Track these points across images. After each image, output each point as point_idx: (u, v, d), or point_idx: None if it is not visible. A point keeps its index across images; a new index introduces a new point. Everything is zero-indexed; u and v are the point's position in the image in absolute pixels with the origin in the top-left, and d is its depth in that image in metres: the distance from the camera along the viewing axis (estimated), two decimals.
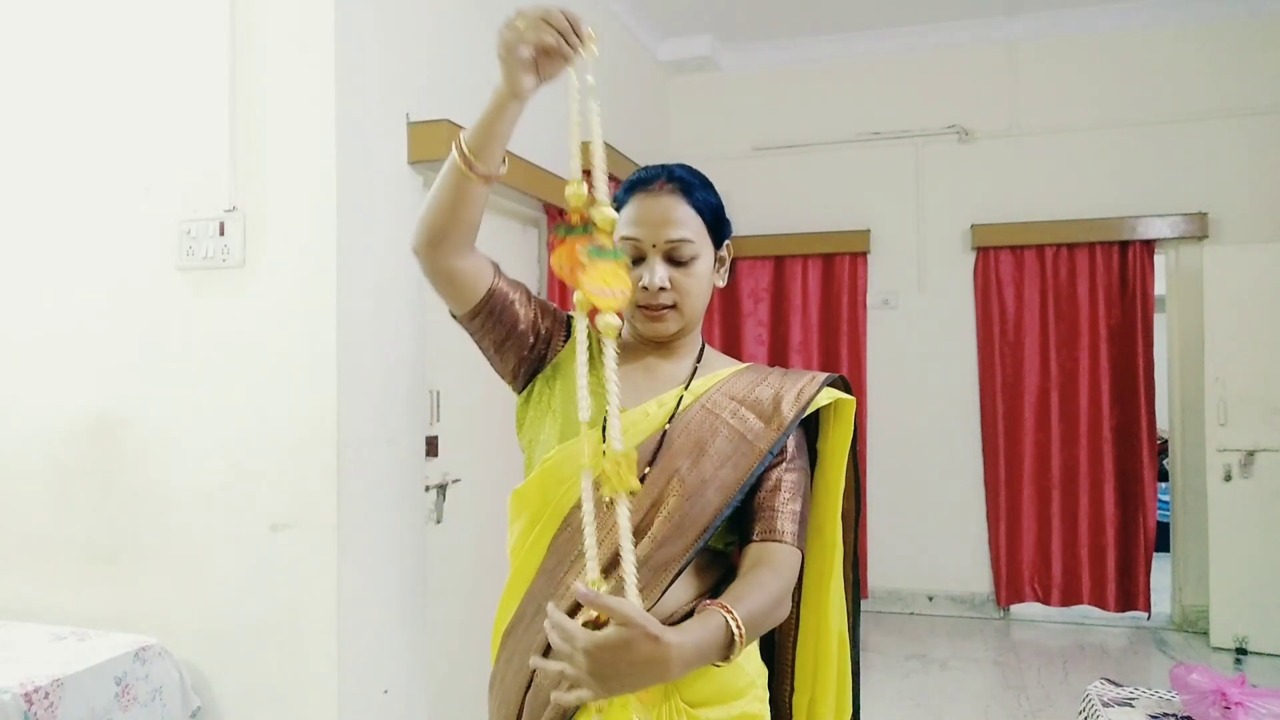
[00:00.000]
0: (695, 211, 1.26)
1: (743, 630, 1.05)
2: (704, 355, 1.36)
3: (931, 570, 4.96)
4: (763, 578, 1.15)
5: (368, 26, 2.56)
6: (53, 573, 2.64)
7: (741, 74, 5.26)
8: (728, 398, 1.27)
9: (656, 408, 1.25)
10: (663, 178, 1.27)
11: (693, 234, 1.24)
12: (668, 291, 1.24)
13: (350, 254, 2.47)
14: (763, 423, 1.24)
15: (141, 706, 2.29)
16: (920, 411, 4.98)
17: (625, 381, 1.24)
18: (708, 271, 1.28)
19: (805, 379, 1.30)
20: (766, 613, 1.12)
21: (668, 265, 1.24)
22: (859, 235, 4.98)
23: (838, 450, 1.32)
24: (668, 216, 1.23)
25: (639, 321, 1.28)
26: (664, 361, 1.32)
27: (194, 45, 2.55)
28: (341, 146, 2.44)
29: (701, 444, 1.22)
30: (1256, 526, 4.19)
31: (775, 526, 1.21)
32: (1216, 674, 1.90)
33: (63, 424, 2.65)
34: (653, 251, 1.24)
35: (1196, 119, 4.62)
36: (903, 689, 3.84)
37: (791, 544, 1.21)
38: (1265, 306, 4.21)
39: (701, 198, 1.27)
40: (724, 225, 1.32)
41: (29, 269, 2.71)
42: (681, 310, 1.26)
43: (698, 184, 1.28)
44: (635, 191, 1.28)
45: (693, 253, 1.24)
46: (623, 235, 1.25)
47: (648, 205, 1.25)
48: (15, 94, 2.74)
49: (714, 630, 1.04)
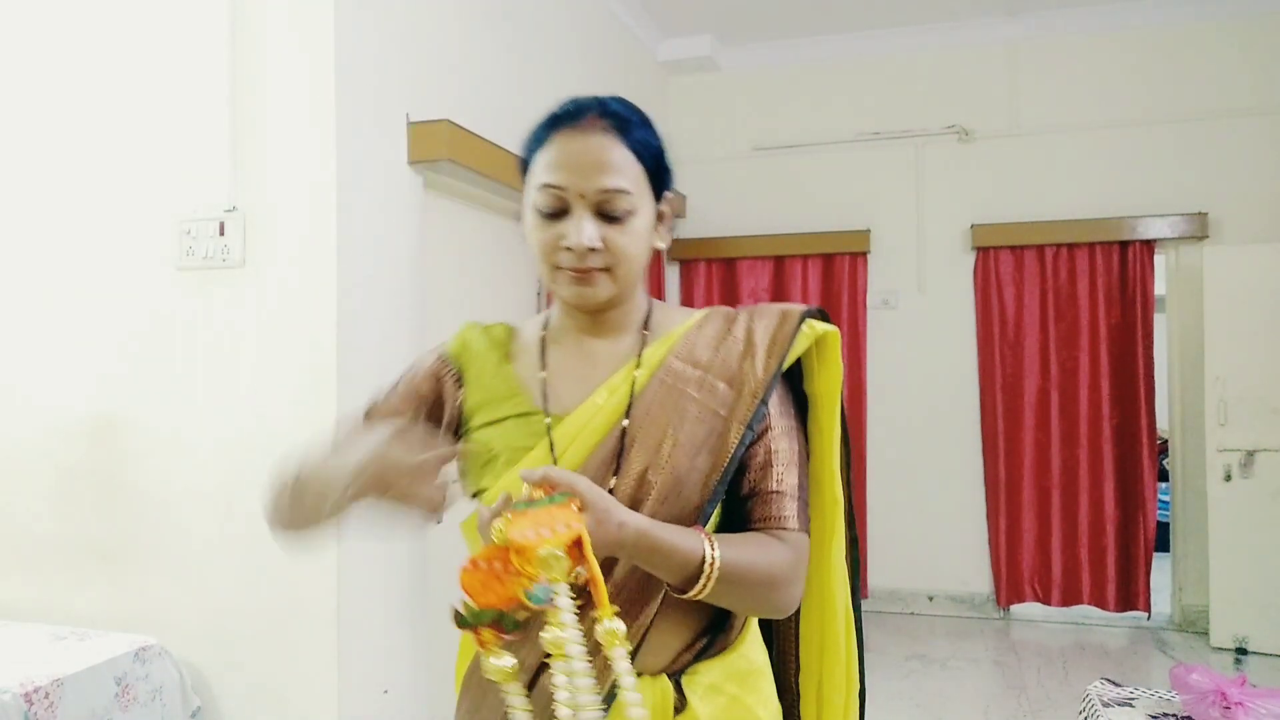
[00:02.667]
0: (634, 156, 1.02)
1: (717, 563, 0.92)
2: (652, 318, 1.12)
3: (931, 570, 4.96)
4: (767, 542, 1.01)
5: (368, 26, 2.56)
6: (53, 573, 2.64)
7: (741, 74, 5.25)
8: (689, 364, 1.06)
9: (607, 396, 1.05)
10: (594, 111, 1.03)
11: (630, 183, 1.01)
12: (599, 253, 1.01)
13: (350, 254, 2.47)
14: (734, 390, 1.04)
15: (141, 706, 2.29)
16: (920, 412, 4.98)
17: (561, 375, 1.09)
18: (647, 229, 1.05)
19: (775, 319, 1.09)
20: (755, 581, 0.97)
21: (598, 220, 1.01)
22: (859, 235, 4.98)
23: (829, 391, 1.11)
24: (600, 160, 1.00)
25: (561, 286, 1.04)
26: (603, 341, 1.10)
27: (194, 45, 2.55)
28: (341, 146, 2.44)
29: (668, 430, 1.02)
30: (1256, 526, 4.19)
31: (773, 512, 1.03)
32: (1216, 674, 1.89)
33: (63, 424, 2.65)
34: (580, 203, 1.00)
35: (1196, 119, 4.61)
36: (903, 689, 3.84)
37: (796, 528, 1.03)
38: (1265, 306, 4.21)
39: (642, 138, 1.04)
40: (666, 174, 1.08)
41: (29, 269, 2.71)
42: (615, 275, 1.03)
43: (637, 121, 1.05)
44: (559, 128, 1.03)
45: (629, 206, 1.01)
46: (542, 182, 1.02)
47: (575, 146, 1.01)
48: (16, 94, 2.74)
49: (686, 545, 0.92)
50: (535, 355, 1.13)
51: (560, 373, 1.10)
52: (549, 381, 1.10)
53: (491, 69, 3.20)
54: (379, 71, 2.62)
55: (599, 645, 0.83)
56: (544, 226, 1.03)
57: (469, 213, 3.21)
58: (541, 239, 1.03)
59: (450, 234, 3.09)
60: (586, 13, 4.11)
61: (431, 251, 2.91)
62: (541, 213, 1.03)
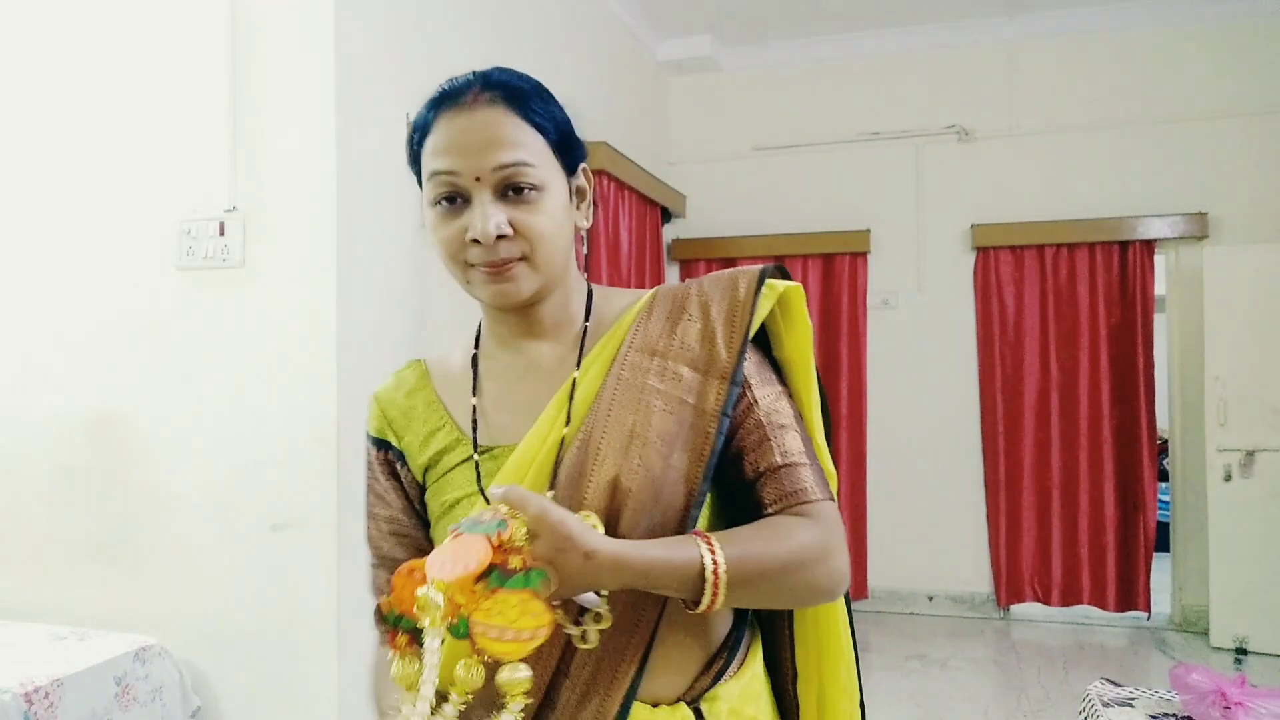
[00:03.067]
0: (532, 128, 0.91)
1: (722, 568, 0.80)
2: (592, 307, 1.00)
3: (931, 570, 4.96)
4: (784, 523, 0.89)
5: (368, 26, 2.56)
6: (53, 573, 2.64)
7: (741, 74, 5.25)
8: (645, 353, 0.94)
9: (556, 411, 0.93)
10: (477, 85, 0.91)
11: (532, 155, 0.89)
12: (510, 240, 0.89)
13: (350, 254, 2.47)
14: (700, 373, 0.93)
15: (141, 706, 2.29)
16: (920, 411, 4.98)
17: (501, 395, 0.98)
18: (561, 206, 0.93)
19: (727, 286, 0.97)
20: (779, 569, 0.85)
21: (503, 203, 0.89)
22: (859, 235, 4.98)
23: (800, 353, 0.99)
24: (492, 136, 0.88)
25: (477, 287, 0.93)
26: (543, 343, 0.98)
27: (194, 45, 2.54)
28: (341, 146, 2.44)
29: (635, 428, 0.90)
30: (1256, 526, 4.19)
31: (788, 487, 0.91)
32: (1216, 674, 1.89)
33: (63, 424, 2.64)
34: (477, 186, 0.88)
35: (1196, 119, 4.61)
36: (903, 689, 3.84)
37: (819, 497, 0.91)
38: (1265, 306, 4.21)
39: (537, 105, 0.92)
40: (575, 145, 0.96)
41: (29, 269, 2.71)
42: (534, 262, 0.91)
43: (529, 89, 0.93)
44: (442, 109, 0.91)
45: (535, 179, 0.89)
46: (432, 170, 0.90)
47: (461, 124, 0.89)
48: (15, 94, 2.73)
49: (677, 558, 0.80)
50: (467, 381, 1.00)
51: (500, 395, 0.98)
52: (484, 408, 0.98)
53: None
54: (379, 71, 2.62)
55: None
56: (444, 222, 0.91)
57: None
58: (444, 236, 0.91)
59: None
60: (586, 13, 4.11)
61: (431, 251, 2.90)
62: (438, 207, 0.91)
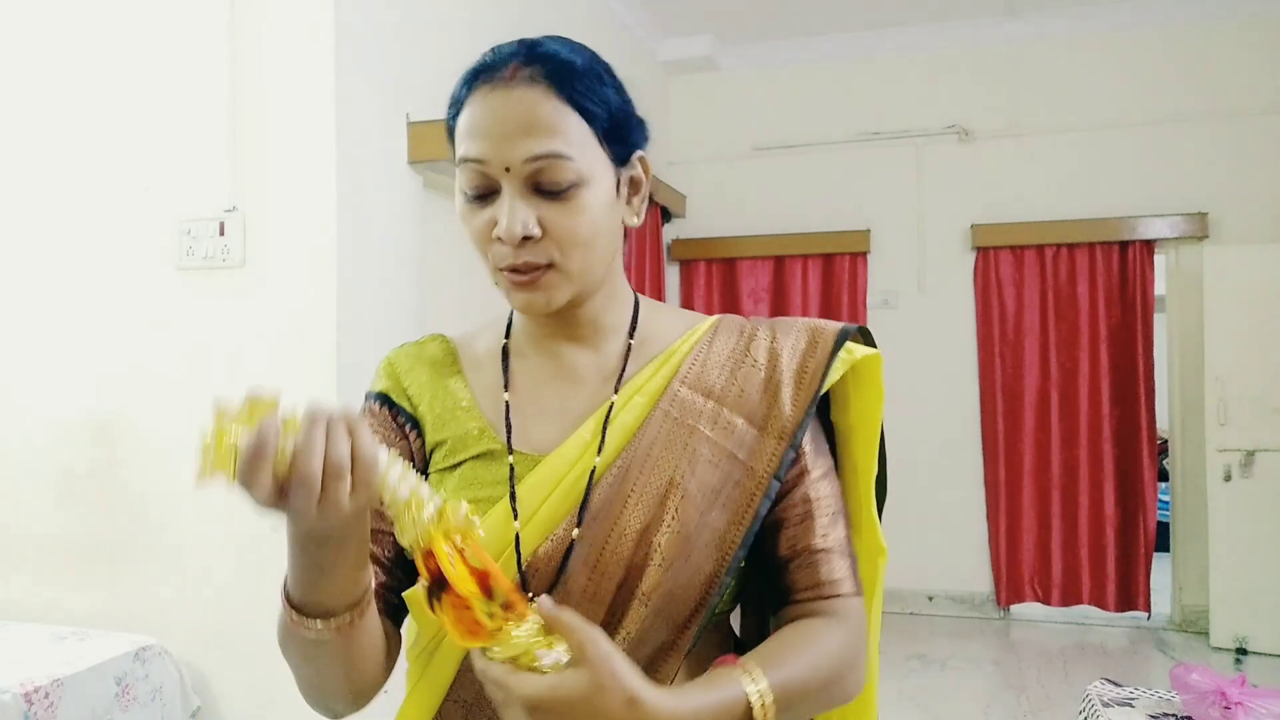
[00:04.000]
0: (574, 110, 0.78)
1: (771, 708, 0.71)
2: (639, 323, 0.89)
3: (931, 570, 4.96)
4: (817, 632, 0.80)
5: (368, 26, 2.56)
6: (53, 573, 2.64)
7: (741, 74, 5.25)
8: (699, 393, 0.85)
9: (593, 434, 0.83)
10: (520, 57, 0.79)
11: (569, 145, 0.77)
12: (537, 241, 0.78)
13: (350, 253, 2.47)
14: (756, 428, 0.84)
15: (141, 706, 2.29)
16: (920, 412, 4.97)
17: (531, 399, 0.87)
18: (604, 204, 0.80)
19: (804, 340, 0.88)
20: (819, 687, 0.77)
21: (534, 198, 0.78)
22: (859, 235, 4.98)
23: (866, 423, 0.91)
24: (526, 119, 0.76)
25: (505, 293, 0.82)
26: (581, 350, 0.88)
27: (194, 45, 2.55)
28: (341, 146, 2.44)
29: (675, 476, 0.81)
30: (1256, 526, 4.19)
31: (822, 576, 0.83)
32: (1216, 674, 1.89)
33: (63, 424, 2.65)
34: (507, 177, 0.77)
35: (1197, 119, 4.61)
36: (903, 689, 3.84)
37: (852, 592, 0.84)
38: (1265, 306, 4.20)
39: (584, 84, 0.79)
40: (629, 131, 0.84)
41: (29, 269, 2.71)
42: (566, 269, 0.79)
43: (581, 65, 0.80)
44: (478, 83, 0.80)
45: (572, 176, 0.77)
46: (460, 155, 0.80)
47: (494, 103, 0.77)
48: (16, 94, 2.73)
49: (724, 700, 0.70)
50: (495, 372, 0.90)
51: (529, 396, 0.87)
52: (515, 408, 0.87)
53: None
54: (379, 71, 2.62)
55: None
56: (473, 212, 0.81)
57: None
58: (472, 229, 0.81)
59: (450, 234, 3.08)
60: (586, 12, 4.11)
61: (431, 251, 2.91)
62: (467, 195, 0.81)
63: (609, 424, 0.83)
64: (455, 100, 0.83)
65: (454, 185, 0.83)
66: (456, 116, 0.82)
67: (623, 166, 0.84)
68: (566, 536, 0.81)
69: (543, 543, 0.81)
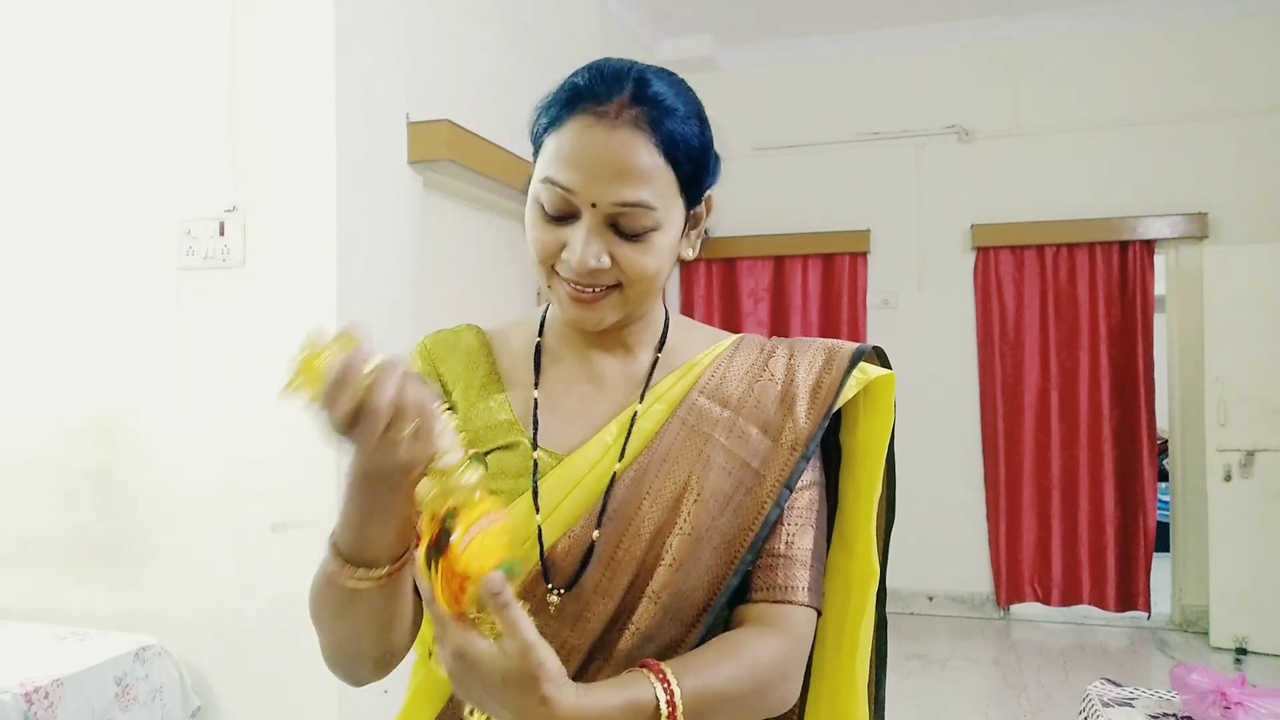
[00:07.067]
0: (665, 159, 0.80)
1: (678, 702, 0.71)
2: (667, 337, 0.93)
3: (931, 570, 4.96)
4: (749, 642, 0.80)
5: (368, 26, 2.56)
6: (53, 573, 2.64)
7: (741, 74, 5.25)
8: (717, 402, 0.88)
9: (617, 433, 0.87)
10: (625, 93, 0.80)
11: (656, 196, 0.80)
12: (606, 271, 0.81)
13: (350, 254, 2.47)
14: (771, 439, 0.87)
15: (141, 706, 2.29)
16: (920, 412, 4.97)
17: (559, 399, 0.90)
18: (671, 244, 0.84)
19: (820, 357, 0.91)
20: (739, 696, 0.77)
21: (610, 235, 0.80)
22: (859, 235, 4.98)
23: (873, 444, 0.92)
24: (623, 165, 0.78)
25: (559, 299, 0.85)
26: (611, 359, 0.91)
27: (194, 45, 2.55)
28: (341, 146, 2.44)
29: (690, 481, 0.84)
30: (1256, 526, 4.19)
31: (779, 580, 0.84)
32: (1216, 674, 1.89)
33: (63, 424, 2.65)
34: (590, 211, 0.79)
35: (1196, 119, 4.61)
36: (903, 689, 3.84)
37: (805, 602, 0.84)
38: (1265, 306, 4.21)
39: (681, 133, 0.81)
40: (705, 174, 0.86)
41: (30, 269, 2.71)
42: (625, 294, 0.83)
43: (682, 111, 0.83)
44: (580, 109, 0.80)
45: (650, 223, 0.80)
46: (547, 176, 0.80)
47: (594, 139, 0.79)
48: (16, 94, 2.73)
49: (633, 701, 0.70)
50: (526, 370, 0.93)
51: (557, 396, 0.90)
52: (543, 405, 0.90)
53: (491, 69, 3.20)
54: (379, 71, 2.62)
55: None
56: (545, 226, 0.82)
57: (469, 213, 3.21)
58: (540, 239, 0.83)
59: (450, 234, 3.09)
60: (586, 12, 4.11)
61: (431, 251, 2.91)
62: (544, 210, 0.82)
63: (631, 432, 0.87)
64: (552, 115, 0.82)
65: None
66: (548, 129, 0.82)
67: (693, 207, 0.87)
68: (585, 535, 0.83)
69: (561, 539, 0.84)
